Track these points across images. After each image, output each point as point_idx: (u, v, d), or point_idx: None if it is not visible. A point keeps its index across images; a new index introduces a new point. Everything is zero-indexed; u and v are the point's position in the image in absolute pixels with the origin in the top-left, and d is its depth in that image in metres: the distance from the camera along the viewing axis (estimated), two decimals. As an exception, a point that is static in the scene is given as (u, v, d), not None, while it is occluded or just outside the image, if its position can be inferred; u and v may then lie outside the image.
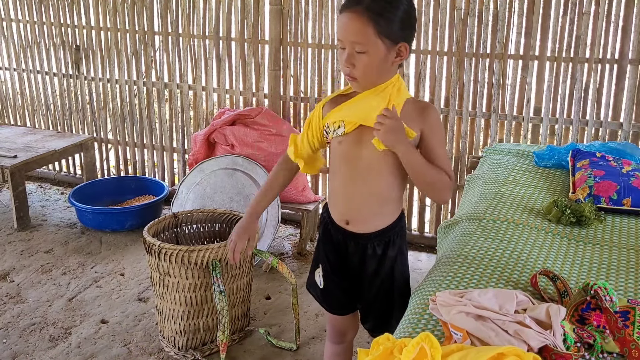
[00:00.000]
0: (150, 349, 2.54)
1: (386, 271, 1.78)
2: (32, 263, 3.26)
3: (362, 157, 1.67)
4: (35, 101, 4.44)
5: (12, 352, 2.50)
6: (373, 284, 1.80)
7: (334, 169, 1.77)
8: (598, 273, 1.65)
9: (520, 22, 3.10)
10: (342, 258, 1.83)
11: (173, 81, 3.92)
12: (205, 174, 3.39)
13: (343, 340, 2.01)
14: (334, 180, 1.79)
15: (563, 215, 1.96)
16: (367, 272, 1.79)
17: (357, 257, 1.79)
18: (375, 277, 1.79)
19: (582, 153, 2.41)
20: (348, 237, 1.78)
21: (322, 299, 1.94)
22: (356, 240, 1.77)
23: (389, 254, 1.76)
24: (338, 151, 1.73)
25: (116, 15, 3.95)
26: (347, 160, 1.71)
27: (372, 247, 1.76)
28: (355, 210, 1.74)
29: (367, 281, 1.81)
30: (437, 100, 3.34)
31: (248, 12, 3.60)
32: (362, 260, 1.79)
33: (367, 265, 1.78)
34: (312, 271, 1.94)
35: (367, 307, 1.87)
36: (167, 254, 2.34)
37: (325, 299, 1.93)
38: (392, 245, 1.77)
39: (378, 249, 1.76)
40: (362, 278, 1.82)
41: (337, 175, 1.76)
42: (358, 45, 1.53)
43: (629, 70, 3.00)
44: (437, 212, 3.54)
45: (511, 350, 1.09)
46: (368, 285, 1.81)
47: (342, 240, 1.80)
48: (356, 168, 1.69)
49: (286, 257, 3.41)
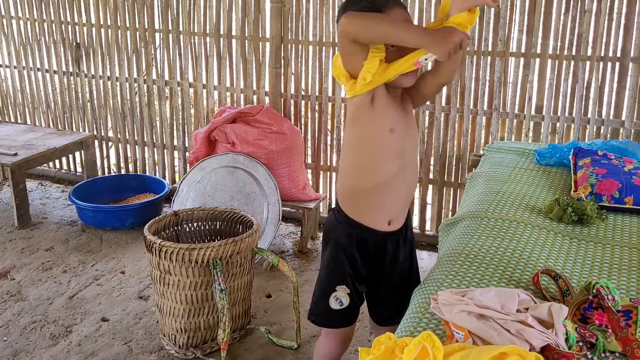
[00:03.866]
0: (151, 347, 2.53)
1: (409, 253, 1.83)
2: (32, 261, 3.26)
3: (411, 149, 1.69)
4: (35, 99, 4.43)
5: (13, 350, 2.50)
6: (401, 270, 1.81)
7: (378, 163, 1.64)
8: (600, 272, 1.64)
9: (522, 19, 3.09)
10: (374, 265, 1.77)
11: (174, 79, 3.91)
12: (205, 172, 3.38)
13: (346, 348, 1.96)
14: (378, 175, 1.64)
15: (565, 213, 1.95)
16: (399, 262, 1.79)
17: (391, 252, 1.76)
18: (404, 262, 1.81)
19: (583, 151, 2.40)
20: (387, 236, 1.74)
21: (342, 319, 1.80)
22: (392, 237, 1.75)
23: (409, 236, 1.82)
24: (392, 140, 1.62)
25: (117, 12, 3.94)
26: (401, 152, 1.64)
27: (404, 235, 1.79)
28: (397, 206, 1.71)
29: (397, 271, 1.79)
30: (438, 98, 3.33)
31: (249, 9, 3.60)
32: (396, 252, 1.78)
33: (399, 254, 1.78)
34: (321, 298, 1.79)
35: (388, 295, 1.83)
36: (168, 252, 2.34)
37: (346, 317, 1.80)
38: (410, 229, 1.84)
39: (409, 233, 1.81)
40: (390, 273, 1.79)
41: (385, 168, 1.64)
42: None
43: (631, 68, 2.99)
44: (439, 210, 3.54)
45: (513, 349, 1.08)
46: (396, 274, 1.80)
47: (380, 243, 1.73)
48: (406, 160, 1.67)
49: (287, 255, 3.41)
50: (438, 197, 3.52)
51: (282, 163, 3.39)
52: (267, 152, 3.36)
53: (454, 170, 3.45)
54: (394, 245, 1.77)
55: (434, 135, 3.42)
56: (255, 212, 3.25)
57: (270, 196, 3.28)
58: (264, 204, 3.27)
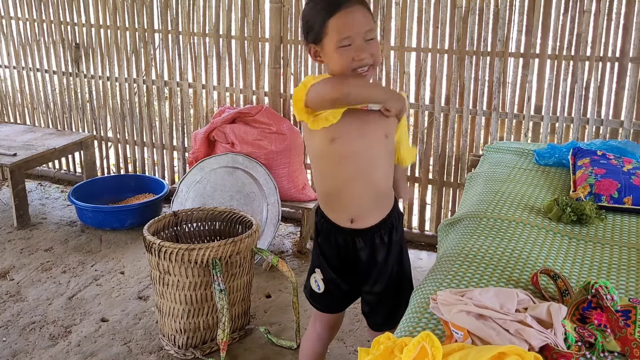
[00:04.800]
0: (151, 348, 2.53)
1: (395, 257, 1.82)
2: (32, 261, 3.26)
3: (363, 153, 1.69)
4: (35, 99, 4.43)
5: (12, 350, 2.50)
6: (384, 273, 1.81)
7: (329, 170, 1.74)
8: (599, 272, 1.65)
9: (521, 20, 3.09)
10: (346, 259, 1.82)
11: (173, 79, 3.91)
12: (205, 172, 3.38)
13: (331, 335, 2.03)
14: (331, 181, 1.76)
15: (564, 213, 1.95)
16: (377, 263, 1.80)
17: (367, 250, 1.79)
18: (386, 265, 1.81)
19: (582, 151, 2.40)
20: (355, 234, 1.78)
21: (319, 302, 1.94)
22: (364, 235, 1.77)
23: (394, 238, 1.81)
24: (333, 149, 1.69)
25: (116, 13, 3.94)
26: (348, 158, 1.69)
27: (379, 236, 1.78)
28: (358, 207, 1.75)
29: (376, 272, 1.81)
30: (437, 99, 3.34)
31: (248, 9, 3.60)
32: (372, 252, 1.79)
33: (377, 255, 1.79)
34: (308, 276, 1.95)
35: (378, 300, 1.86)
36: (167, 253, 2.34)
37: (323, 302, 1.93)
38: (396, 230, 1.81)
39: (385, 236, 1.79)
40: (370, 272, 1.82)
41: (335, 174, 1.73)
42: (370, 32, 1.59)
43: (630, 69, 2.99)
44: (438, 211, 3.54)
45: (512, 349, 1.09)
46: (378, 276, 1.82)
47: (349, 240, 1.79)
48: (360, 164, 1.69)
49: (286, 255, 3.41)
50: (437, 197, 3.52)
51: (282, 163, 3.39)
52: (267, 153, 3.36)
53: (453, 171, 3.45)
54: (368, 244, 1.78)
55: (433, 136, 3.42)
56: (255, 213, 3.25)
57: (270, 196, 3.28)
58: (263, 204, 3.27)
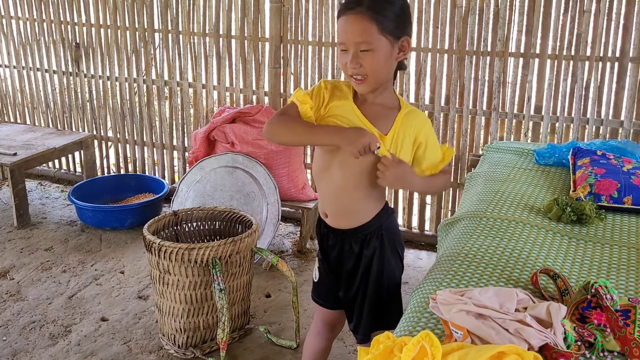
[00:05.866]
0: (150, 347, 2.54)
1: (362, 272, 1.76)
2: (32, 261, 3.26)
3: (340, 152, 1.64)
4: (35, 99, 4.43)
5: (12, 349, 2.50)
6: (352, 282, 1.79)
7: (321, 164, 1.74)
8: (599, 271, 1.65)
9: (521, 20, 3.10)
10: (325, 250, 1.84)
11: (173, 79, 3.91)
12: (205, 172, 3.38)
13: (331, 335, 2.00)
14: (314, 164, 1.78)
15: (564, 213, 1.96)
16: (345, 269, 1.80)
17: (335, 251, 1.79)
18: (353, 276, 1.78)
19: (582, 151, 2.40)
20: (328, 228, 1.79)
21: (314, 292, 1.94)
22: (335, 234, 1.78)
23: (365, 253, 1.74)
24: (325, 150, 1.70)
25: (116, 12, 3.94)
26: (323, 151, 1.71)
27: (349, 244, 1.75)
28: (328, 204, 1.76)
29: (345, 277, 1.81)
30: (437, 98, 3.34)
31: (248, 9, 3.60)
32: (340, 255, 1.79)
33: (344, 261, 1.79)
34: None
35: (349, 306, 1.85)
36: (167, 252, 2.34)
37: (317, 291, 1.93)
38: (367, 246, 1.73)
39: (355, 246, 1.75)
40: (340, 274, 1.82)
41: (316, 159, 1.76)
42: (364, 44, 1.52)
43: (629, 69, 3.00)
44: (438, 210, 3.54)
45: (512, 348, 1.09)
46: (348, 283, 1.81)
47: (324, 232, 1.82)
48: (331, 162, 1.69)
49: (286, 255, 3.41)
50: (437, 197, 3.52)
51: (282, 163, 3.39)
52: (267, 152, 3.36)
53: (453, 170, 3.46)
54: (338, 245, 1.77)
55: (433, 135, 3.42)
56: (255, 212, 3.25)
57: (270, 196, 3.28)
58: (263, 204, 3.28)
